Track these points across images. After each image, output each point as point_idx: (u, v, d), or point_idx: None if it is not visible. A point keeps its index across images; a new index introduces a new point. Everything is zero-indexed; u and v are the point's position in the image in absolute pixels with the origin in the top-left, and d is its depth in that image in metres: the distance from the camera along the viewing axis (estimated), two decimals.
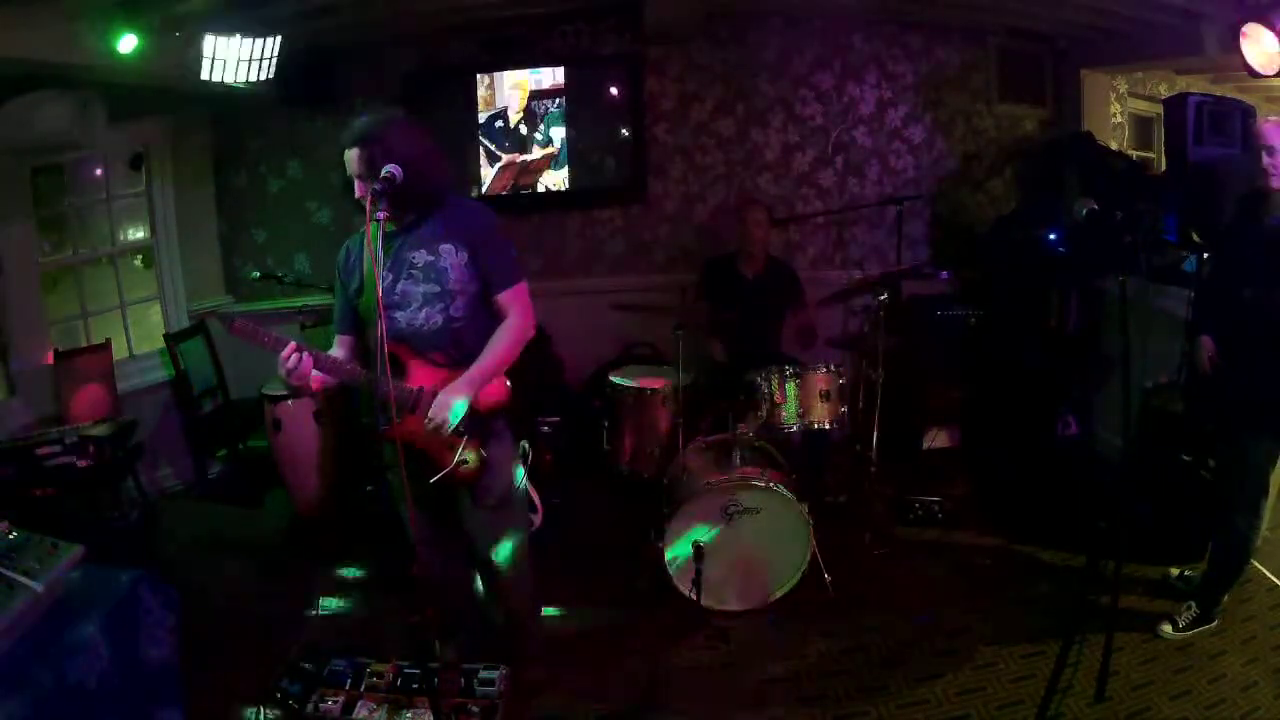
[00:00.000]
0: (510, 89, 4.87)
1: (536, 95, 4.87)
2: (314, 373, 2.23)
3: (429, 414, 2.23)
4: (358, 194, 2.22)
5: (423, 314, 2.30)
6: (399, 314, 2.30)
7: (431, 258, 2.30)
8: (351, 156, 2.22)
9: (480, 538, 2.51)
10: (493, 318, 2.38)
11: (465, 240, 2.31)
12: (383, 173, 2.10)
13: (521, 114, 4.89)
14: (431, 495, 2.35)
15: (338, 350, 2.44)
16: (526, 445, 2.54)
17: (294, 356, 2.18)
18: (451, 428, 2.24)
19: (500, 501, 2.44)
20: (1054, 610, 3.12)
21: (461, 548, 2.60)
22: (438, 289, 2.30)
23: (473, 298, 2.33)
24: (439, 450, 2.30)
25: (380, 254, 2.04)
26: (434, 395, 2.27)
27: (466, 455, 2.31)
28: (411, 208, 2.30)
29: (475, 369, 2.29)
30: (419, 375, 2.31)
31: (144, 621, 2.13)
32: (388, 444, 2.34)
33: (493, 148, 4.93)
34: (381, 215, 2.00)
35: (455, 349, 2.33)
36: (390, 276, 2.30)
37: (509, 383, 2.42)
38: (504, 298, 2.36)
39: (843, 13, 4.88)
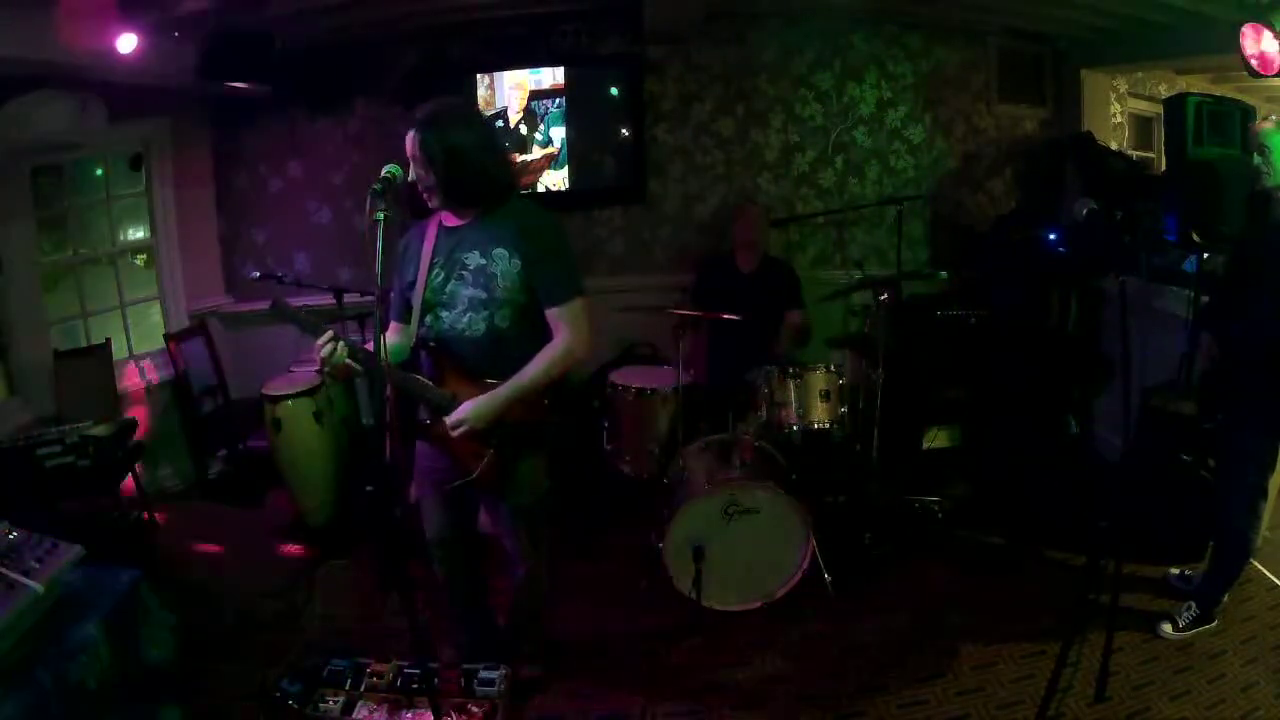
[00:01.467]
0: (510, 89, 4.87)
1: (536, 95, 4.87)
2: (348, 362, 2.14)
3: (454, 416, 2.20)
4: (411, 178, 2.18)
5: (466, 318, 2.23)
6: (444, 314, 2.24)
7: (483, 261, 2.22)
8: (409, 140, 2.17)
9: (506, 541, 2.51)
10: (545, 332, 2.26)
11: (520, 246, 2.21)
12: (383, 171, 2.05)
13: (521, 114, 4.89)
14: (453, 497, 2.35)
15: (392, 336, 2.40)
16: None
17: (330, 345, 2.10)
18: (472, 432, 2.19)
19: (525, 509, 2.42)
20: (1054, 610, 3.12)
21: (471, 548, 2.60)
22: (484, 295, 2.22)
23: (523, 309, 2.24)
24: (465, 457, 2.27)
25: (380, 252, 1.99)
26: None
27: (491, 462, 2.26)
28: (469, 204, 2.23)
29: (512, 384, 2.21)
30: (453, 380, 2.25)
31: (144, 621, 2.14)
32: (418, 443, 2.32)
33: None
34: (381, 214, 1.95)
35: (497, 360, 2.23)
36: (442, 275, 2.24)
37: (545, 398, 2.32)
38: (555, 313, 2.24)
39: (843, 13, 4.88)
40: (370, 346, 2.29)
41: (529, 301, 2.24)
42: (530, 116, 4.89)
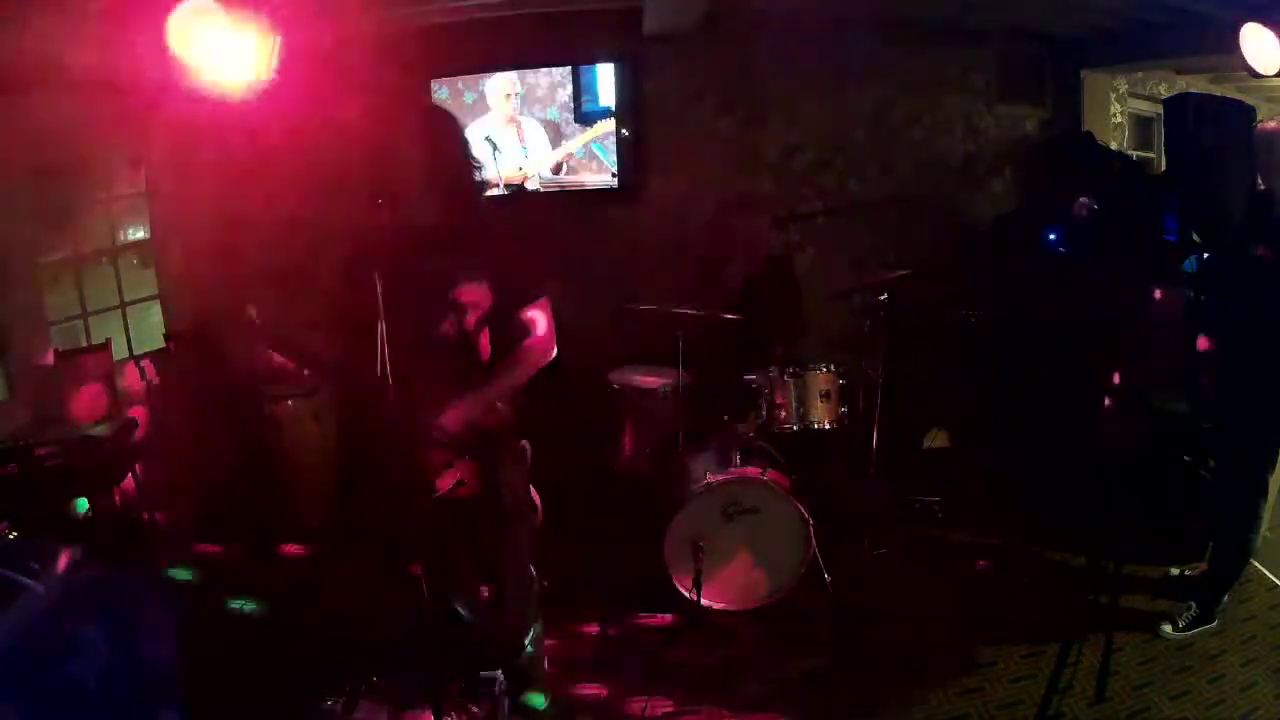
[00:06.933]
0: (510, 89, 4.87)
1: (535, 94, 4.87)
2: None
3: (440, 423, 2.15)
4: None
5: (431, 324, 2.22)
6: (406, 320, 2.19)
7: (444, 265, 2.21)
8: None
9: (485, 552, 2.49)
10: (509, 335, 2.27)
11: (482, 250, 2.22)
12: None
13: (523, 114, 4.89)
14: (431, 509, 2.33)
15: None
16: (528, 445, 2.50)
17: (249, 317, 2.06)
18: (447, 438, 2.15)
19: (504, 519, 2.39)
20: (1054, 610, 3.12)
21: (458, 558, 2.58)
22: (447, 299, 2.21)
23: (486, 313, 2.24)
24: (436, 470, 2.23)
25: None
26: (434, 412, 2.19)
27: (465, 476, 2.23)
28: (429, 207, 2.21)
29: (486, 386, 2.21)
30: (419, 387, 2.19)
31: (144, 621, 2.14)
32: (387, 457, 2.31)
33: (494, 147, 4.93)
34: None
35: (462, 364, 2.23)
36: (402, 279, 2.19)
37: (516, 401, 2.32)
38: (523, 315, 2.26)
39: (843, 12, 4.88)
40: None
41: (492, 305, 2.23)
42: (530, 117, 4.90)
